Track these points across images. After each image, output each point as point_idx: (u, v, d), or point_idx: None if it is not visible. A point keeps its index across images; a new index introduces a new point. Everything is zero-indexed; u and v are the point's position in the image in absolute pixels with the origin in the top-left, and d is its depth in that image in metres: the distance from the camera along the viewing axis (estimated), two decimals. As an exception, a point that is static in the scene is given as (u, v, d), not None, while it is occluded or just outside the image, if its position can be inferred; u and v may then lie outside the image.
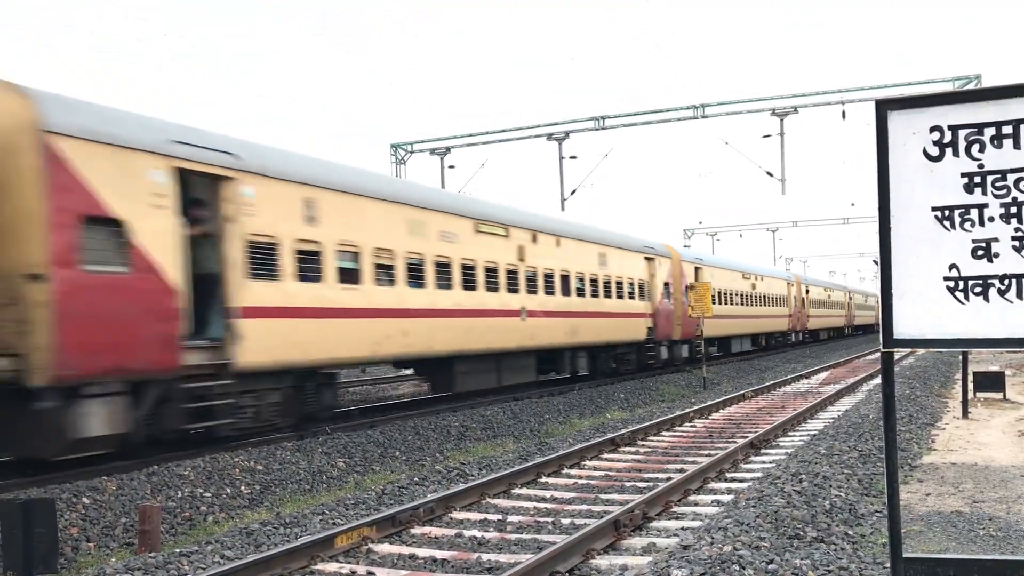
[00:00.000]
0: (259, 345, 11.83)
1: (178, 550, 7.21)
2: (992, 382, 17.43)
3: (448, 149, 33.77)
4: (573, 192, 33.94)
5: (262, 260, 12.01)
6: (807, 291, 51.96)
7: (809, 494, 8.04)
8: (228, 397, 11.46)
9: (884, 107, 4.39)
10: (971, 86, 26.05)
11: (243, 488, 10.26)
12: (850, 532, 7.05)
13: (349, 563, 6.94)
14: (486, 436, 14.91)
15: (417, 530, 7.88)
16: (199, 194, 11.50)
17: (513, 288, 18.65)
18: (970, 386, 16.29)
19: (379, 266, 14.45)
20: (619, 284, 24.37)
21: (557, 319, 20.49)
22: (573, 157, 33.51)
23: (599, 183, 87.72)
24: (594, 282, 22.86)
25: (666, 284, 27.69)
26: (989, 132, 4.20)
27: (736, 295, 35.91)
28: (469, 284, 17.16)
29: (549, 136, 32.28)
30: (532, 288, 19.38)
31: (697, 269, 31.01)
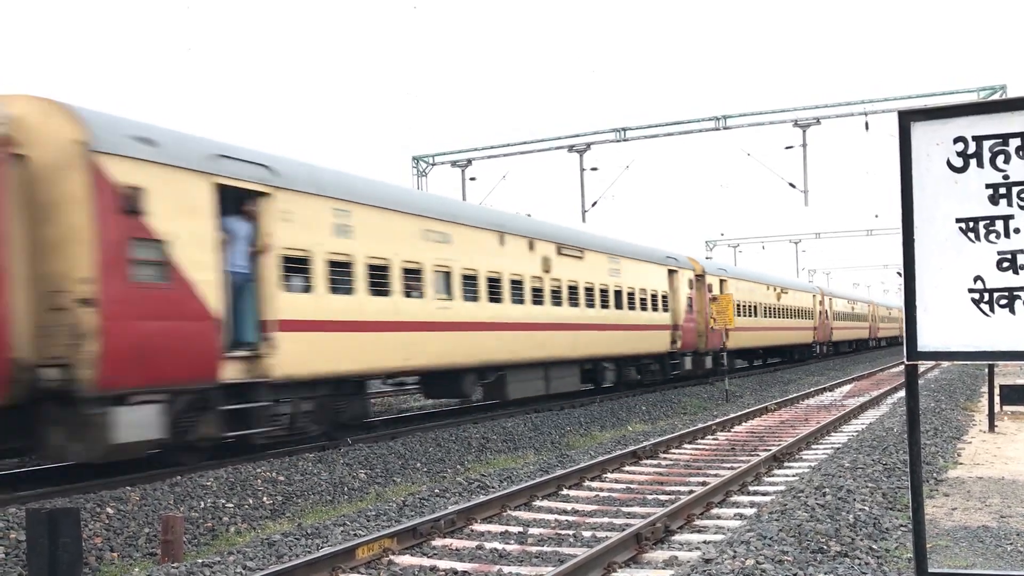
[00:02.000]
0: None
1: (200, 560, 7.24)
2: (1019, 395, 17.19)
3: (469, 161, 33.87)
4: (594, 204, 33.95)
5: None
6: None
7: (833, 508, 7.96)
8: None
9: (907, 118, 4.38)
10: (996, 96, 25.86)
11: (265, 499, 10.30)
12: (875, 546, 6.97)
13: (370, 574, 6.95)
14: (507, 448, 14.90)
15: (438, 542, 7.87)
16: None
17: None
18: (996, 399, 16.09)
19: None
20: None
21: None
22: (594, 169, 33.51)
23: (620, 195, 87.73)
24: None
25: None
26: (1015, 143, 4.17)
27: (416, 273, 15.25)
28: None
29: (570, 148, 32.30)
30: None
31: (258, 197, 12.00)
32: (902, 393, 22.40)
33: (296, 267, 12.51)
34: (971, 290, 4.23)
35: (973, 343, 4.24)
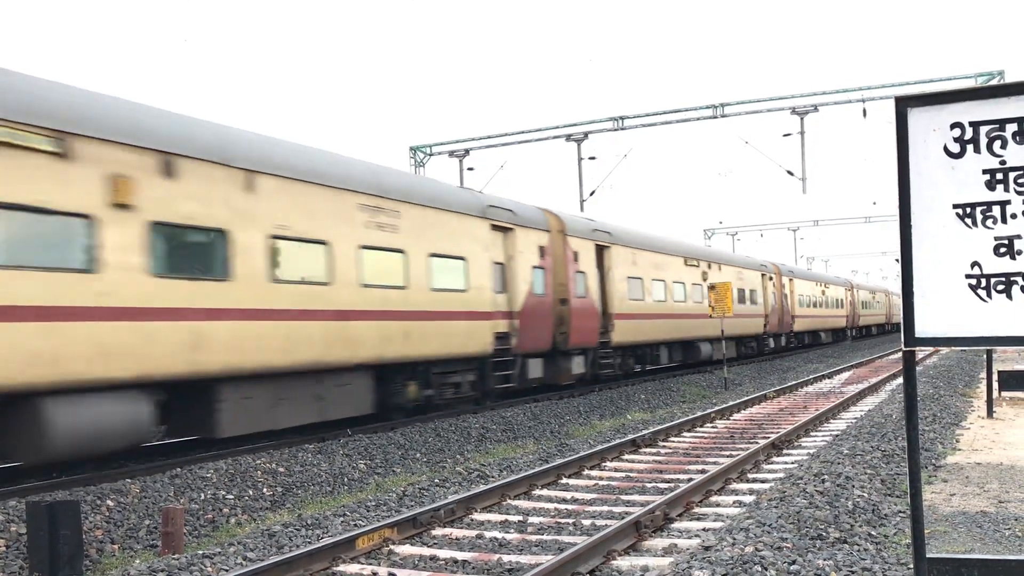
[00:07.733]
0: None
1: (201, 552, 7.26)
2: (1017, 381, 17.20)
3: (467, 151, 33.80)
4: (592, 193, 33.88)
5: None
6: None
7: (832, 494, 7.99)
8: None
9: (904, 104, 4.36)
10: (994, 82, 25.80)
11: (265, 490, 10.32)
12: (873, 532, 6.99)
13: (370, 564, 6.96)
14: (506, 438, 14.92)
15: (438, 531, 7.89)
16: None
17: None
18: (995, 385, 16.12)
19: None
20: None
21: None
22: (592, 158, 33.43)
23: (619, 184, 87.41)
24: None
25: None
26: (1011, 128, 4.16)
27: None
28: None
29: (568, 137, 32.24)
30: None
31: None
32: (900, 380, 22.42)
33: None
34: (968, 276, 4.23)
35: (971, 329, 4.23)
